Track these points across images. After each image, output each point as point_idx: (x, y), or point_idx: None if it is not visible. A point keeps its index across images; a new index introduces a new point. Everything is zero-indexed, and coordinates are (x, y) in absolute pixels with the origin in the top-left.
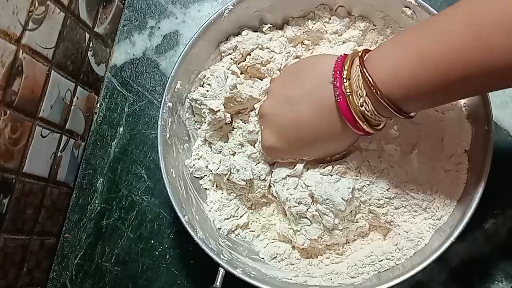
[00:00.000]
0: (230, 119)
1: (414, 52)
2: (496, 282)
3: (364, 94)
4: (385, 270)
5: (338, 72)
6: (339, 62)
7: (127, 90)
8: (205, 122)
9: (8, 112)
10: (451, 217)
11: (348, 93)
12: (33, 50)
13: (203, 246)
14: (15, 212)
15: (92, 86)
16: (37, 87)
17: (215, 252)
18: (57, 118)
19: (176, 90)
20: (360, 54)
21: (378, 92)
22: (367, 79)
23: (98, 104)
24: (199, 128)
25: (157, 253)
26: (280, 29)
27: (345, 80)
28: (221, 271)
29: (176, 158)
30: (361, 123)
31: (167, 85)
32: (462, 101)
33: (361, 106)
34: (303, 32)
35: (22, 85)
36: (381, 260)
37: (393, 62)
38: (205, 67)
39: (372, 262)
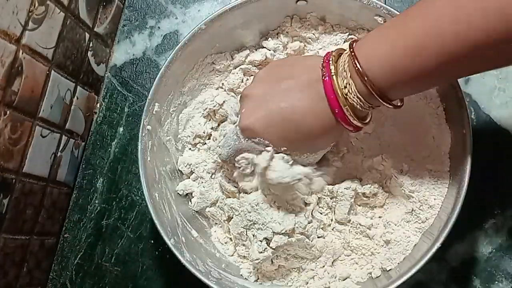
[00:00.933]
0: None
1: (398, 35)
2: (496, 282)
3: (349, 76)
4: (376, 277)
5: (327, 57)
6: (330, 52)
7: (127, 90)
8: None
9: (8, 112)
10: (437, 219)
11: (333, 74)
12: (33, 50)
13: (191, 268)
14: (15, 212)
15: (92, 86)
16: (37, 87)
17: (203, 273)
18: (57, 118)
19: (154, 112)
20: (349, 42)
21: (364, 76)
22: (353, 63)
23: (98, 104)
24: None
25: (157, 253)
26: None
27: (332, 63)
28: None
29: (159, 180)
30: (344, 108)
31: (145, 108)
32: (442, 106)
33: (345, 87)
34: (282, 45)
35: (22, 85)
36: (372, 267)
37: (382, 47)
38: (182, 89)
39: (361, 269)
